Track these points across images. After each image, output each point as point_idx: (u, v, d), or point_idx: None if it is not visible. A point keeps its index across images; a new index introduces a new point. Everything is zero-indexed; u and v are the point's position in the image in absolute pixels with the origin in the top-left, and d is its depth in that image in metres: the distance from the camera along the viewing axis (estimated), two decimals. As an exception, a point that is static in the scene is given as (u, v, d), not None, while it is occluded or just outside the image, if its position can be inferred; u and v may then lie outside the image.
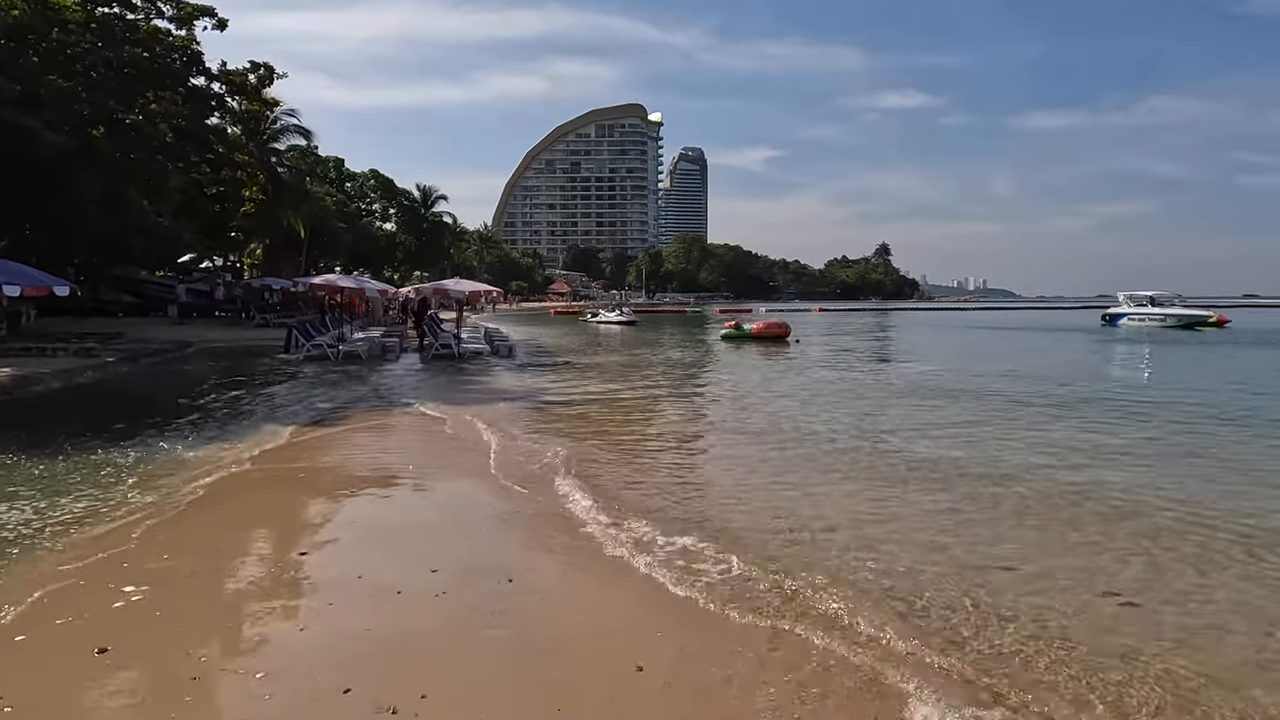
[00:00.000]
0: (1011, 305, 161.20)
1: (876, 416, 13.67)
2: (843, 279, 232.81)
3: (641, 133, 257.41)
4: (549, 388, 17.61)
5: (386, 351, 25.97)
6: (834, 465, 9.70)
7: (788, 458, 10.21)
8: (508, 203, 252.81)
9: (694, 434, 12.37)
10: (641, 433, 12.42)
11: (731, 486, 8.60)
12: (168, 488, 7.89)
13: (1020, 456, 10.20)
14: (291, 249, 50.25)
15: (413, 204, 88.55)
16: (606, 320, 57.01)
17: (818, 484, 8.71)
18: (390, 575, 5.59)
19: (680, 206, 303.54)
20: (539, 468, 9.12)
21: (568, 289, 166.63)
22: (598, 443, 11.01)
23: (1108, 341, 38.36)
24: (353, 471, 8.90)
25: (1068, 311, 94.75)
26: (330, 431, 11.35)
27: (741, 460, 10.06)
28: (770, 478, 9.04)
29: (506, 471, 8.88)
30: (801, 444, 11.10)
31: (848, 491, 8.40)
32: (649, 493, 8.17)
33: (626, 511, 7.25)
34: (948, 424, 12.78)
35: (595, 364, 24.48)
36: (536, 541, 6.53)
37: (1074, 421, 13.09)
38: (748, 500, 7.96)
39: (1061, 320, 65.50)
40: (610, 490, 8.13)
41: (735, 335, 34.77)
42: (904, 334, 47.49)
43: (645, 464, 9.76)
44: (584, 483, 8.30)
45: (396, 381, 17.90)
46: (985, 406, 14.91)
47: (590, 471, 8.93)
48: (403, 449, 10.32)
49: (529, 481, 8.46)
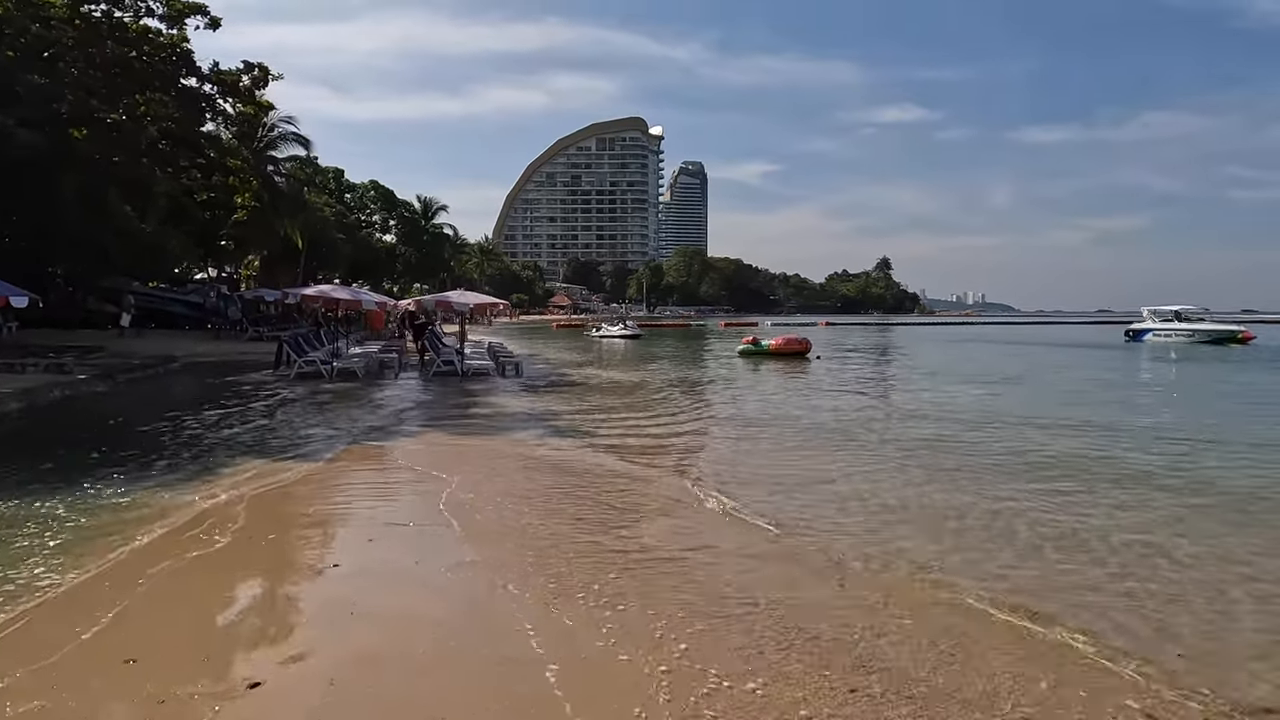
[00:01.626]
0: (1014, 320, 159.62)
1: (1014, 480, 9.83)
2: (843, 293, 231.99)
3: (642, 146, 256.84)
4: (567, 420, 15.74)
5: (384, 369, 24.25)
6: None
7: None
8: (508, 215, 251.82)
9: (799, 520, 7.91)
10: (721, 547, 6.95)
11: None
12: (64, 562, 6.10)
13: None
14: (289, 260, 48.79)
15: (413, 215, 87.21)
16: (610, 334, 55.37)
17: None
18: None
19: (680, 220, 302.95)
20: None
21: (568, 302, 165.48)
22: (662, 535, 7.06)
23: (1152, 360, 36.00)
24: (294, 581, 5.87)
25: (1080, 327, 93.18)
26: (296, 481, 9.36)
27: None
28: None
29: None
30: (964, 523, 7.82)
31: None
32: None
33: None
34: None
35: (610, 384, 22.70)
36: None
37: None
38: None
39: (1080, 336, 63.84)
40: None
41: (753, 351, 32.99)
42: (923, 350, 45.52)
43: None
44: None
45: (392, 408, 16.05)
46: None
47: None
48: (380, 534, 6.96)
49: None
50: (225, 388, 18.68)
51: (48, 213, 22.88)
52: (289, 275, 46.85)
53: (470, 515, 7.59)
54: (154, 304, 38.47)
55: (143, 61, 27.85)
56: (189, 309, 39.07)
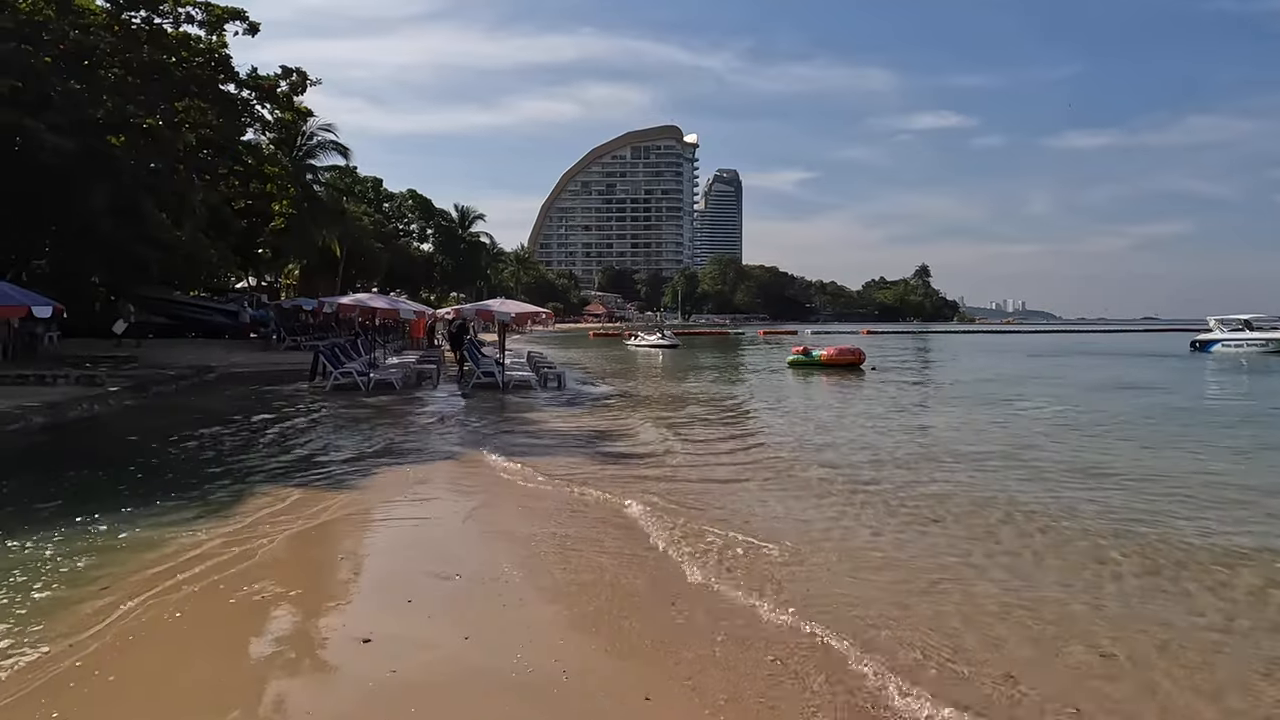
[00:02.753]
0: (1058, 328, 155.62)
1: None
2: (880, 300, 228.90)
3: (677, 154, 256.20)
4: (624, 445, 14.57)
5: (423, 379, 23.43)
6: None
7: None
8: (543, 224, 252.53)
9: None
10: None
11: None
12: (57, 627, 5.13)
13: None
14: (329, 269, 48.55)
15: (450, 224, 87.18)
16: (648, 344, 54.33)
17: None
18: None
19: (715, 228, 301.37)
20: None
21: (603, 310, 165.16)
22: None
23: (1236, 373, 33.13)
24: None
25: (1137, 335, 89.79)
26: (317, 513, 8.44)
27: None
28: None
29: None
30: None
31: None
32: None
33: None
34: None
35: (659, 400, 21.59)
36: None
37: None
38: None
39: (1141, 345, 61.27)
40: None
41: (804, 362, 31.55)
42: (984, 360, 43.61)
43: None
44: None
45: (430, 425, 15.08)
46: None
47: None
48: (422, 592, 5.73)
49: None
50: (259, 401, 17.92)
51: (78, 220, 22.39)
52: (328, 284, 46.58)
53: (532, 568, 6.53)
54: (194, 313, 38.24)
55: (181, 68, 27.42)
56: (229, 318, 38.77)
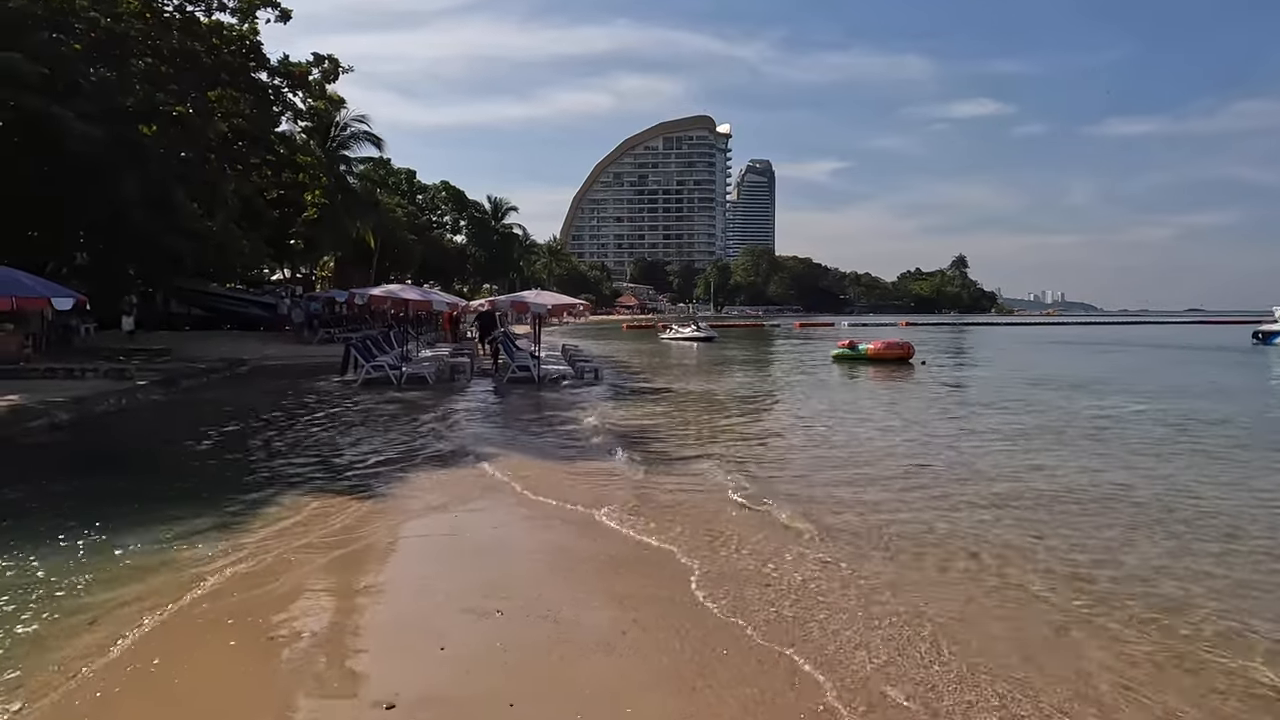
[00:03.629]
0: (1101, 320, 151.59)
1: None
2: (917, 292, 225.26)
3: (709, 145, 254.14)
4: (672, 446, 13.74)
5: (456, 374, 22.79)
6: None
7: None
8: (575, 216, 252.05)
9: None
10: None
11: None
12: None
13: None
14: (363, 261, 48.36)
15: (483, 216, 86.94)
16: (682, 336, 53.25)
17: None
18: None
19: (747, 219, 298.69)
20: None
21: (635, 302, 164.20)
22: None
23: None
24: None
25: (1190, 328, 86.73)
26: (337, 531, 7.60)
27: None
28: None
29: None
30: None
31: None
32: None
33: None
34: None
35: (702, 397, 20.70)
36: None
37: None
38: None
39: (1196, 338, 58.98)
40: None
41: (849, 356, 30.33)
42: (1035, 354, 41.63)
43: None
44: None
45: (463, 424, 14.32)
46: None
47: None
48: (455, 636, 4.88)
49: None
50: (288, 396, 17.36)
51: (111, 210, 22.02)
52: (362, 276, 46.35)
53: (585, 604, 5.72)
54: (230, 305, 38.13)
55: (212, 55, 27.00)
56: (265, 310, 38.59)
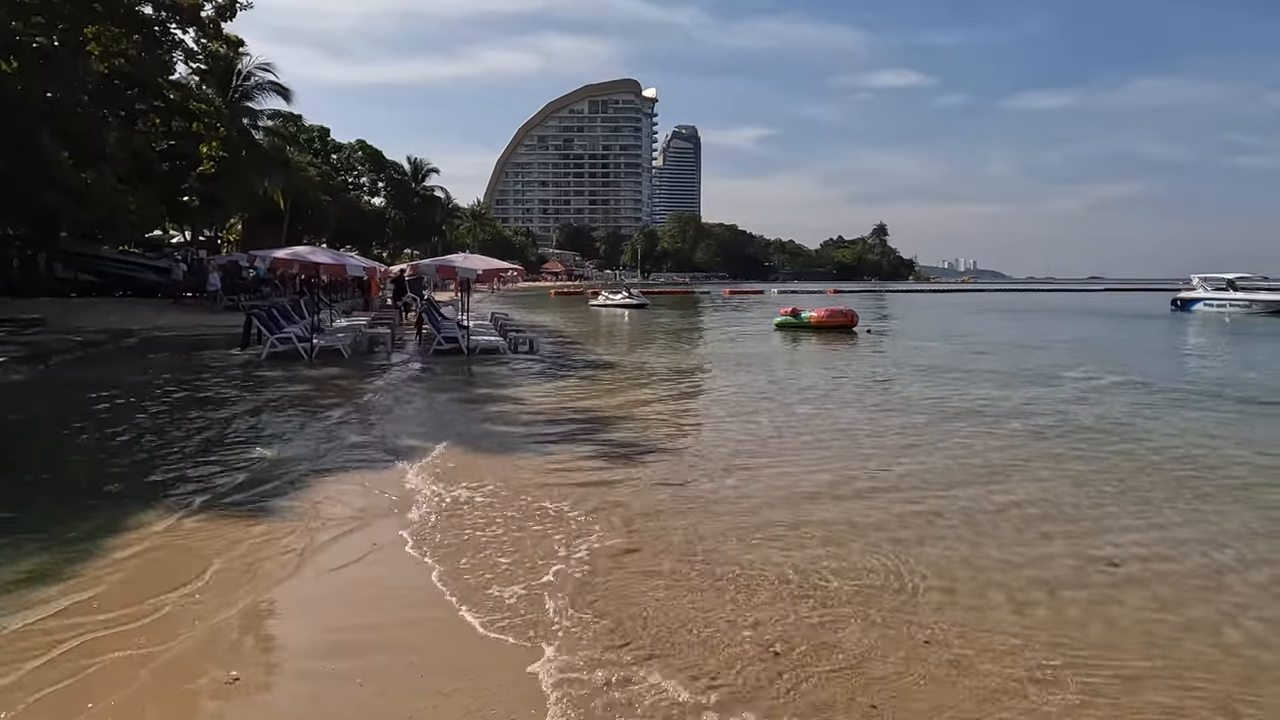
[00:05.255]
0: (1013, 287, 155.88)
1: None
2: (839, 259, 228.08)
3: (636, 109, 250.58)
4: (635, 432, 12.20)
5: (375, 346, 20.77)
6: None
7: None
8: (499, 180, 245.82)
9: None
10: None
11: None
12: None
13: None
14: (273, 224, 45.16)
15: (403, 177, 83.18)
16: (613, 303, 51.72)
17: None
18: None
19: (674, 185, 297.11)
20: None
21: (561, 268, 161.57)
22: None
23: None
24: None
25: (1116, 295, 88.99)
26: (203, 572, 5.97)
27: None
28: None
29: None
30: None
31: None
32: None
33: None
34: None
35: (649, 367, 19.21)
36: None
37: None
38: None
39: (1120, 305, 60.32)
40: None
41: (792, 324, 29.35)
42: (966, 320, 41.72)
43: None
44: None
45: (384, 408, 12.50)
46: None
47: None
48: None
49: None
50: (177, 375, 15.10)
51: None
52: (273, 240, 43.17)
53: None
54: (121, 270, 34.89)
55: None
56: (160, 275, 35.43)
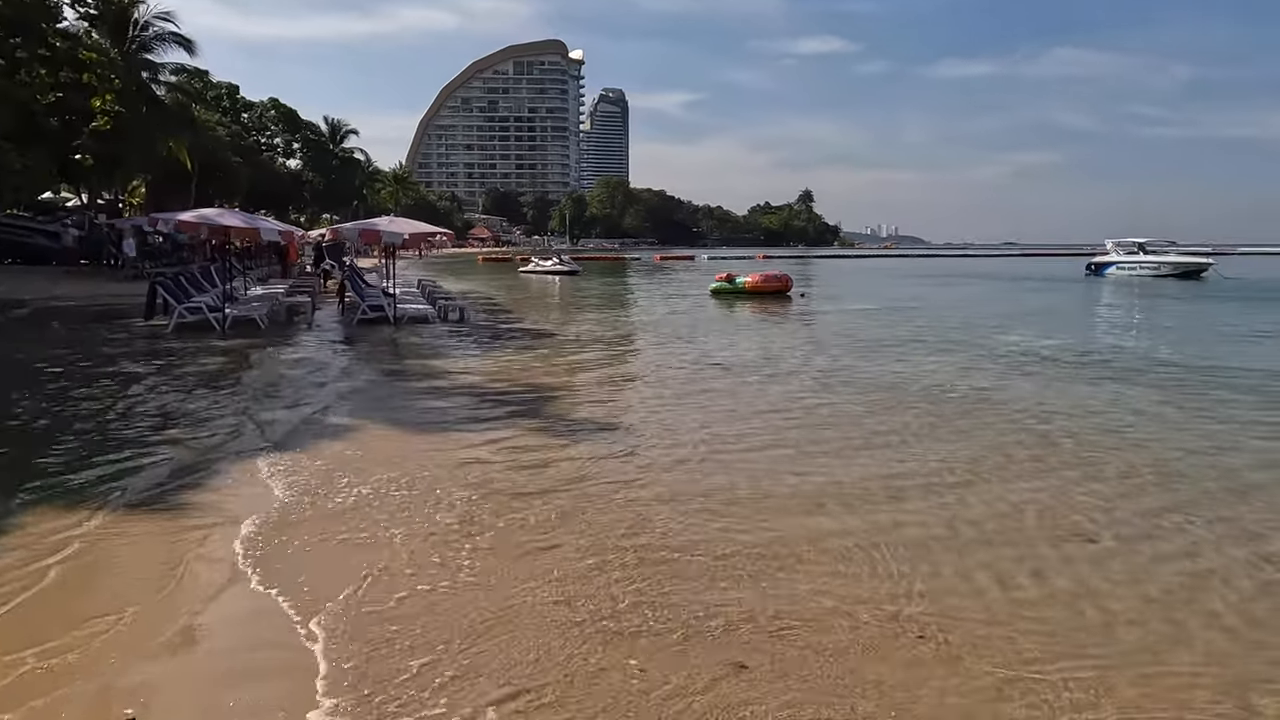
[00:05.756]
0: (934, 253, 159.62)
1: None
2: (766, 225, 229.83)
3: (562, 71, 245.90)
4: (565, 400, 11.60)
5: (294, 315, 19.63)
6: None
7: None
8: (422, 142, 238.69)
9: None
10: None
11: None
12: None
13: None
14: (179, 186, 42.56)
15: (320, 139, 79.75)
16: (543, 270, 50.76)
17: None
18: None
19: (601, 149, 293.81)
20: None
21: (488, 234, 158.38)
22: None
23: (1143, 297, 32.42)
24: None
25: (1033, 260, 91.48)
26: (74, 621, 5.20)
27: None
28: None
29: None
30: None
31: None
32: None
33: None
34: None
35: (583, 336, 18.60)
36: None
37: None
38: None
39: (1038, 270, 61.94)
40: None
41: (727, 290, 28.99)
42: (895, 286, 42.41)
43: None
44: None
45: (300, 375, 11.65)
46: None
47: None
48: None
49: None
50: (70, 349, 13.81)
51: None
52: (180, 204, 40.70)
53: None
54: (9, 235, 32.41)
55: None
56: (51, 241, 33.04)
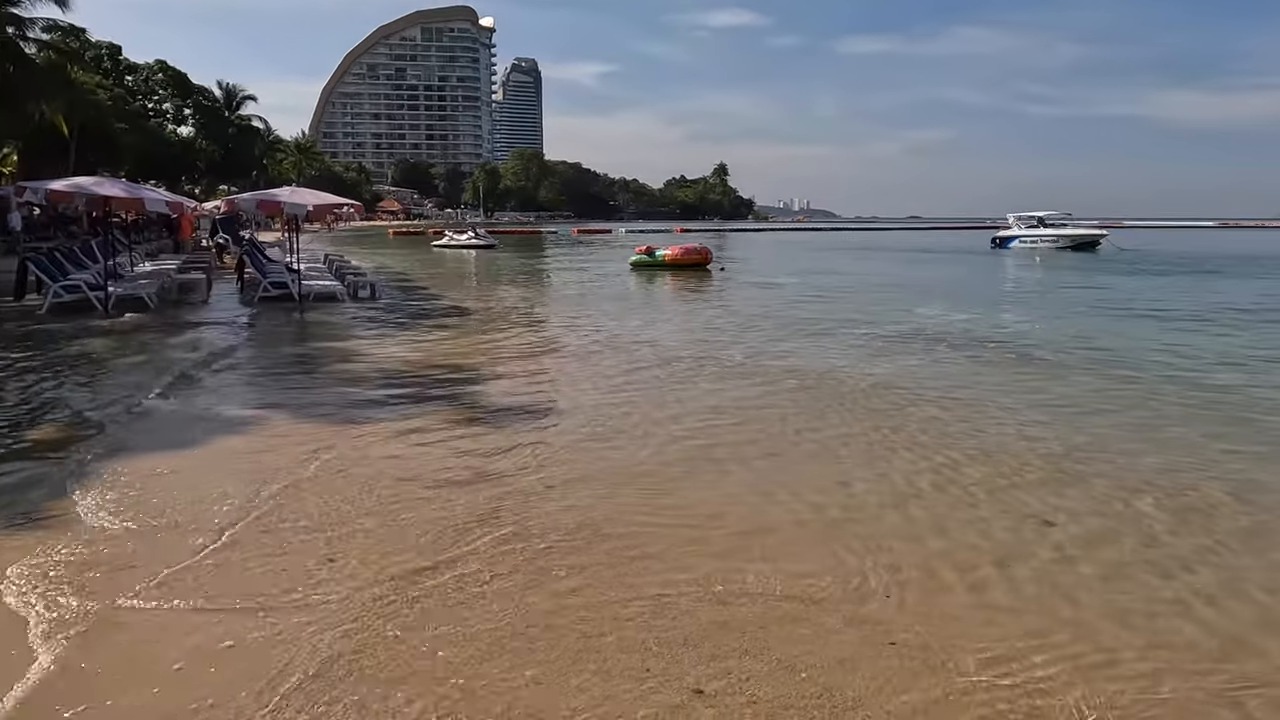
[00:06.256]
0: (844, 226, 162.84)
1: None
2: (681, 199, 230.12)
3: (472, 38, 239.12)
4: (490, 382, 10.89)
5: (188, 293, 18.21)
6: None
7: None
8: (326, 111, 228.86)
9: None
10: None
11: None
12: None
13: None
14: (57, 155, 39.34)
15: (214, 105, 75.12)
16: (458, 244, 49.42)
17: None
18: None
19: (514, 121, 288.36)
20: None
21: (399, 207, 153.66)
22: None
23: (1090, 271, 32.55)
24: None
25: (942, 233, 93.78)
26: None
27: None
28: None
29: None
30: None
31: None
32: None
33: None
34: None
35: (502, 312, 17.85)
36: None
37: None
38: None
39: (947, 243, 63.65)
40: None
41: (647, 263, 28.53)
42: (816, 258, 43.17)
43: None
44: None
45: (195, 360, 10.61)
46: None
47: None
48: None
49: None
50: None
51: None
52: (57, 173, 37.69)
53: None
54: None
55: None
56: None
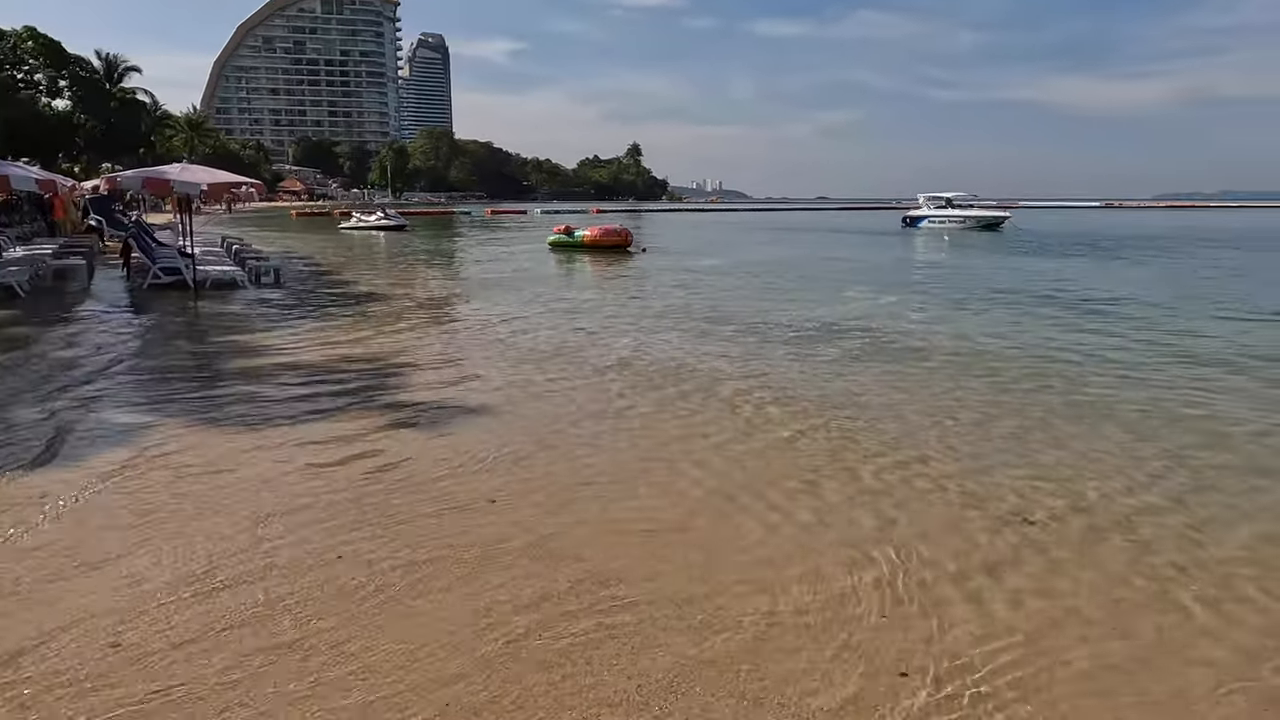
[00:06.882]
0: (757, 207, 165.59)
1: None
2: (595, 179, 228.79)
3: (376, 12, 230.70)
4: (407, 376, 10.15)
5: (66, 279, 16.68)
6: None
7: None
8: (219, 85, 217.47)
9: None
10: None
11: None
12: None
13: None
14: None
15: (93, 76, 70.07)
16: (367, 226, 47.46)
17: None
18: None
19: (422, 98, 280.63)
20: None
21: (301, 187, 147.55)
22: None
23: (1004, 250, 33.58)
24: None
25: (853, 214, 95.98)
26: None
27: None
28: None
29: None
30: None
31: None
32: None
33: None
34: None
35: (420, 297, 16.95)
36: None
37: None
38: None
39: (860, 223, 64.82)
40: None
41: (566, 243, 27.80)
42: (738, 237, 43.57)
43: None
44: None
45: (75, 358, 9.55)
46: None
47: None
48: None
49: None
50: None
51: None
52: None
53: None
54: None
55: None
56: None
